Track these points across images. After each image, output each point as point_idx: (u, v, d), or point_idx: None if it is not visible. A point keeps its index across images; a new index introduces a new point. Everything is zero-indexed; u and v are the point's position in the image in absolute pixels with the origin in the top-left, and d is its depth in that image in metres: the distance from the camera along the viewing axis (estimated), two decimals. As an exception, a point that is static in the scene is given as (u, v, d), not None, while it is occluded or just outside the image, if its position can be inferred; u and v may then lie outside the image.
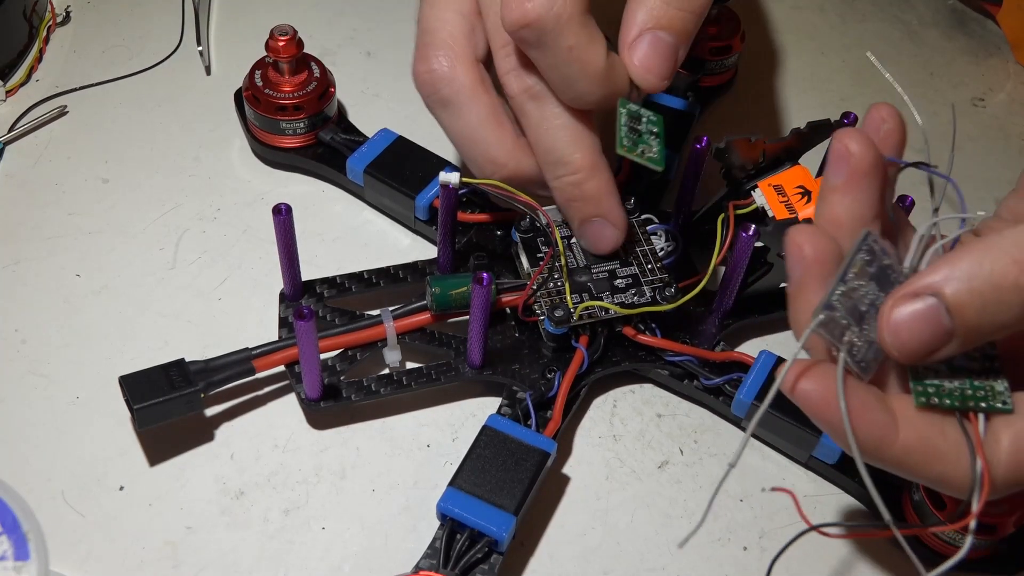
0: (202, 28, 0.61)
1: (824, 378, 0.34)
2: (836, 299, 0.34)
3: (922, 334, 0.32)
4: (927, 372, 0.35)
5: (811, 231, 0.35)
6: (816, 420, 0.34)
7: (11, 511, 0.40)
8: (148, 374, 0.44)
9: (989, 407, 0.35)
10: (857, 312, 0.34)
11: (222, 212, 0.54)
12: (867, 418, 0.34)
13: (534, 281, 0.47)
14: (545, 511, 0.45)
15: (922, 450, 0.34)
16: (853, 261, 0.34)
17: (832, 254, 0.35)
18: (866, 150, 0.36)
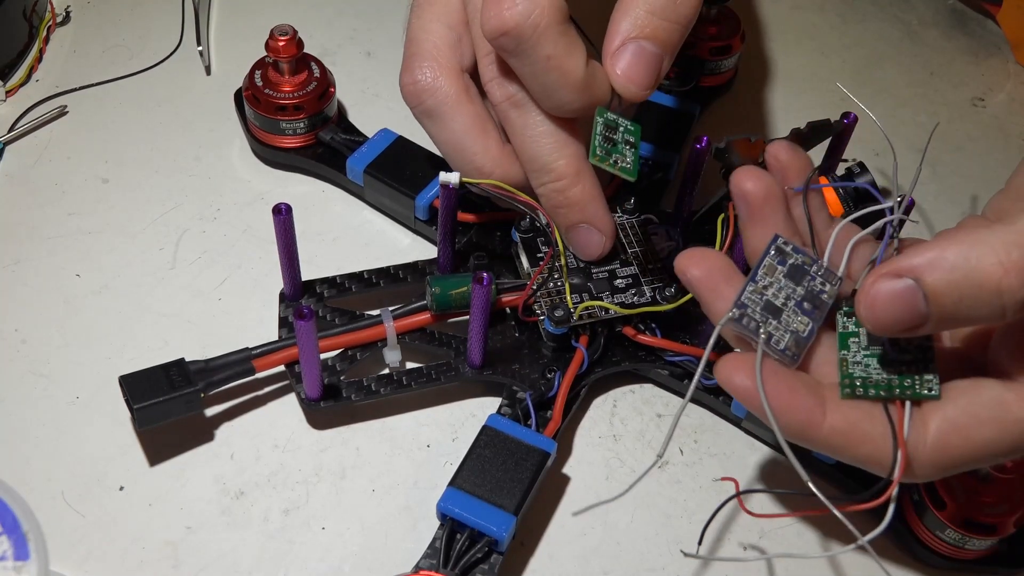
0: (202, 28, 0.61)
1: (748, 368, 0.36)
2: (746, 298, 0.37)
3: (897, 313, 0.33)
4: (856, 366, 0.37)
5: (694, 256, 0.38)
6: (747, 407, 0.36)
7: (11, 511, 0.40)
8: (148, 374, 0.44)
9: (915, 395, 0.36)
10: (772, 307, 0.37)
11: (222, 212, 0.54)
12: (793, 402, 0.35)
13: (534, 281, 0.47)
14: (545, 511, 0.45)
15: (848, 432, 0.36)
16: (762, 263, 0.38)
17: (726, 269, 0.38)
18: (759, 186, 0.38)
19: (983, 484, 0.42)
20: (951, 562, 0.43)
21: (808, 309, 0.38)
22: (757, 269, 0.38)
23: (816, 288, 0.38)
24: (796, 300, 0.37)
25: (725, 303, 0.37)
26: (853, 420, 0.36)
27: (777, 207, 0.39)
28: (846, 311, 0.38)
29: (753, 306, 0.37)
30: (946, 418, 0.35)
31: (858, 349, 0.37)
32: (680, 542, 0.44)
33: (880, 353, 0.37)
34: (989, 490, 0.42)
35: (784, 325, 0.37)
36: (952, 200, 0.58)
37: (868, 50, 0.65)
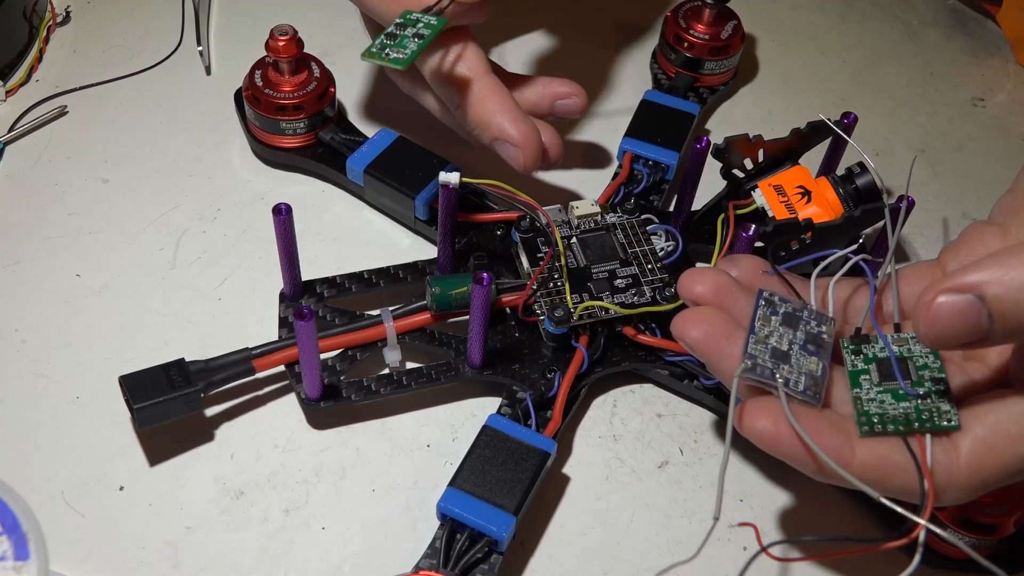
0: (202, 28, 0.61)
1: (771, 413, 0.36)
2: (752, 348, 0.37)
3: (959, 328, 0.33)
4: (871, 403, 0.37)
5: (691, 317, 0.38)
6: (772, 453, 0.36)
7: (11, 511, 0.40)
8: (148, 374, 0.44)
9: (935, 427, 0.36)
10: (780, 353, 0.37)
11: (222, 212, 0.54)
12: (820, 443, 0.35)
13: (534, 281, 0.47)
14: (545, 511, 0.45)
15: (880, 466, 0.36)
16: (756, 315, 0.38)
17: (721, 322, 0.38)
18: (709, 287, 0.39)
19: (983, 484, 0.42)
20: (951, 562, 0.43)
21: (814, 350, 0.38)
22: (753, 321, 0.38)
23: (814, 330, 0.38)
24: (799, 344, 0.38)
25: (730, 360, 0.37)
26: (882, 453, 0.36)
27: (735, 295, 0.39)
28: (852, 349, 0.38)
29: (762, 355, 0.37)
30: (976, 438, 0.35)
31: (871, 386, 0.37)
32: (680, 542, 0.44)
33: (894, 388, 0.37)
34: (989, 490, 0.42)
35: (797, 368, 0.37)
36: (952, 200, 0.58)
37: (868, 50, 0.65)
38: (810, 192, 0.48)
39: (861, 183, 0.48)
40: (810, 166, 0.51)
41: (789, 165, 0.50)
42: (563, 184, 0.56)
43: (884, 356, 0.38)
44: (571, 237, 0.49)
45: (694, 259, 0.51)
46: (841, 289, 0.41)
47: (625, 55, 0.63)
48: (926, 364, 0.38)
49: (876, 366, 0.38)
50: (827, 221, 0.47)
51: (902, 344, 0.38)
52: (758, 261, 0.41)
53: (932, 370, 0.37)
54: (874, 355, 0.38)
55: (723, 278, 0.39)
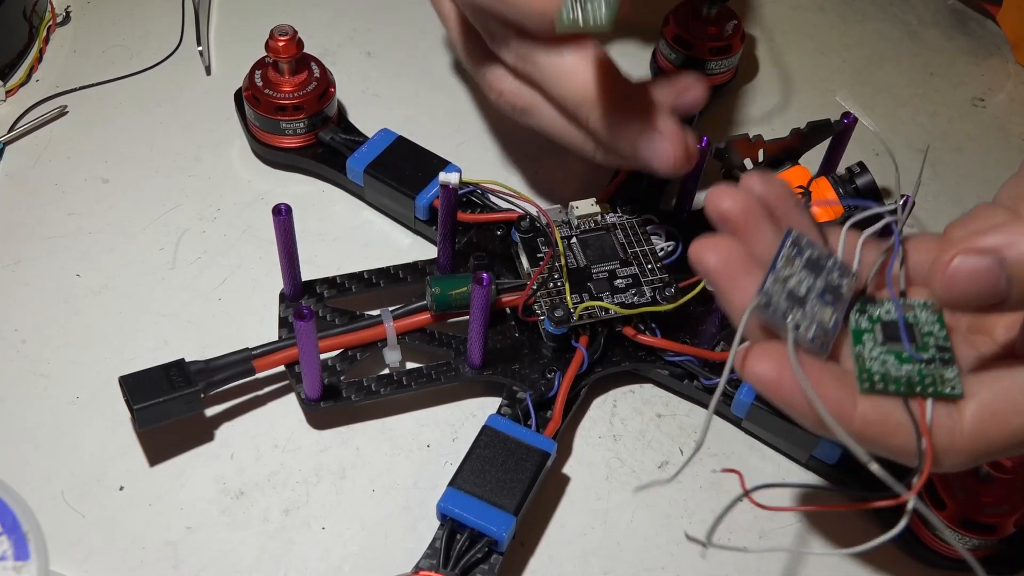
0: (202, 28, 0.61)
1: (775, 357, 0.34)
2: (770, 286, 0.36)
3: (976, 289, 0.32)
4: (873, 362, 0.36)
5: (711, 243, 0.36)
6: (772, 399, 0.35)
7: (11, 511, 0.40)
8: (148, 374, 0.44)
9: (937, 392, 0.35)
10: (795, 297, 0.36)
11: (222, 212, 0.54)
12: (823, 395, 0.34)
13: (534, 281, 0.47)
14: (545, 511, 0.45)
15: (880, 423, 0.35)
16: (781, 254, 0.36)
17: (741, 252, 0.36)
18: (739, 205, 0.37)
19: (983, 484, 0.42)
20: (951, 562, 0.43)
21: (830, 300, 0.36)
22: (777, 259, 0.36)
23: (835, 281, 0.37)
24: (818, 291, 0.36)
25: (744, 294, 0.36)
26: (884, 410, 0.35)
27: (761, 222, 0.37)
28: (857, 308, 0.37)
29: (778, 295, 0.36)
30: (982, 404, 0.35)
31: (874, 345, 0.36)
32: (680, 542, 0.44)
33: (898, 350, 0.36)
34: (989, 490, 0.42)
35: (810, 315, 0.36)
36: (952, 200, 0.58)
37: (868, 50, 0.65)
38: (810, 192, 0.48)
39: (861, 183, 0.48)
40: (810, 166, 0.51)
41: (789, 165, 0.50)
42: (563, 184, 0.56)
43: (889, 319, 0.37)
44: (571, 237, 0.49)
45: (694, 259, 0.51)
46: (865, 246, 0.39)
47: (625, 55, 0.63)
48: (931, 332, 0.37)
49: (881, 327, 0.37)
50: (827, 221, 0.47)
51: (908, 310, 0.37)
52: (786, 186, 0.39)
53: (937, 337, 0.36)
54: (879, 316, 0.37)
55: (755, 203, 0.37)
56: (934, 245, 0.40)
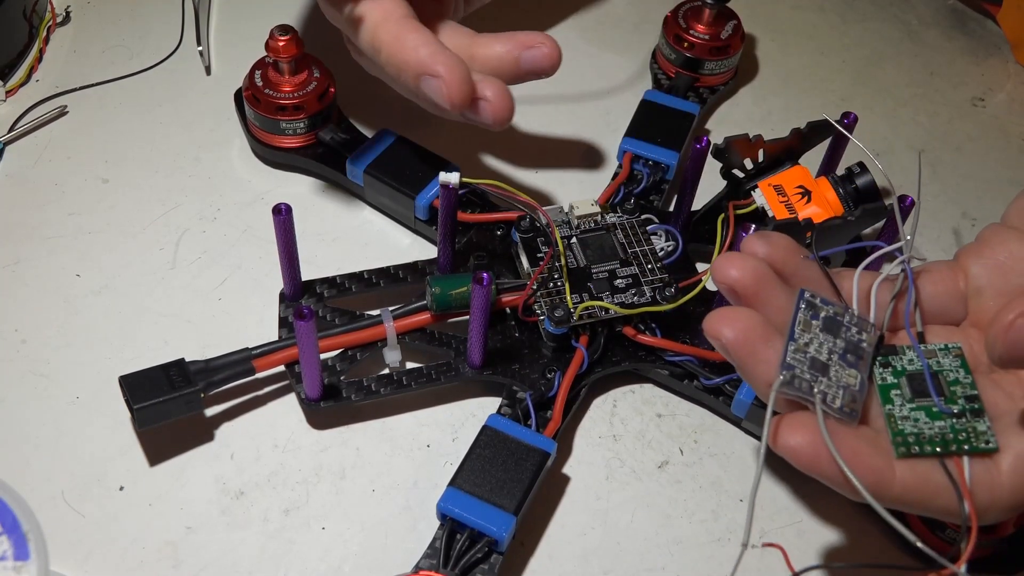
0: (202, 28, 0.61)
1: (807, 430, 0.34)
2: (791, 358, 0.35)
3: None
4: (905, 421, 0.35)
5: (726, 317, 0.35)
6: (809, 473, 0.34)
7: (11, 511, 0.40)
8: (148, 374, 0.44)
9: (972, 448, 0.35)
10: (819, 364, 0.35)
11: (222, 212, 0.54)
12: (860, 465, 0.34)
13: (534, 281, 0.47)
14: (545, 511, 0.45)
15: (921, 487, 0.34)
16: (797, 320, 0.35)
17: (757, 323, 0.35)
18: (749, 274, 0.36)
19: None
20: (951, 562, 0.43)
21: (852, 361, 0.36)
22: (793, 327, 0.35)
23: (854, 338, 0.36)
24: (839, 353, 0.35)
25: (767, 367, 0.35)
26: (923, 473, 0.34)
27: (772, 286, 0.37)
28: (880, 361, 0.36)
29: (800, 366, 0.35)
30: (1018, 455, 0.34)
31: (903, 402, 0.36)
32: (680, 542, 0.44)
33: (927, 405, 0.35)
34: (989, 490, 0.42)
35: (835, 381, 0.35)
36: (952, 200, 0.58)
37: (868, 50, 0.65)
38: (810, 192, 0.48)
39: (861, 183, 0.48)
40: (810, 166, 0.51)
41: (789, 165, 0.50)
42: (563, 184, 0.56)
43: (914, 369, 0.36)
44: (571, 237, 0.49)
45: (694, 259, 0.51)
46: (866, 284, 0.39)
47: (625, 55, 0.63)
48: (957, 379, 0.36)
49: (907, 380, 0.36)
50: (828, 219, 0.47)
51: (930, 356, 0.37)
52: (791, 242, 0.39)
53: (964, 386, 0.36)
54: (903, 368, 0.36)
55: (762, 267, 0.37)
56: (947, 275, 0.40)
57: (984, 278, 0.39)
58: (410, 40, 0.45)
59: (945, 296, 0.39)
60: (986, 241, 0.40)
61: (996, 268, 0.39)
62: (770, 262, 0.37)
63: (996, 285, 0.39)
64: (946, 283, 0.39)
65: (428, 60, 0.45)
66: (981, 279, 0.39)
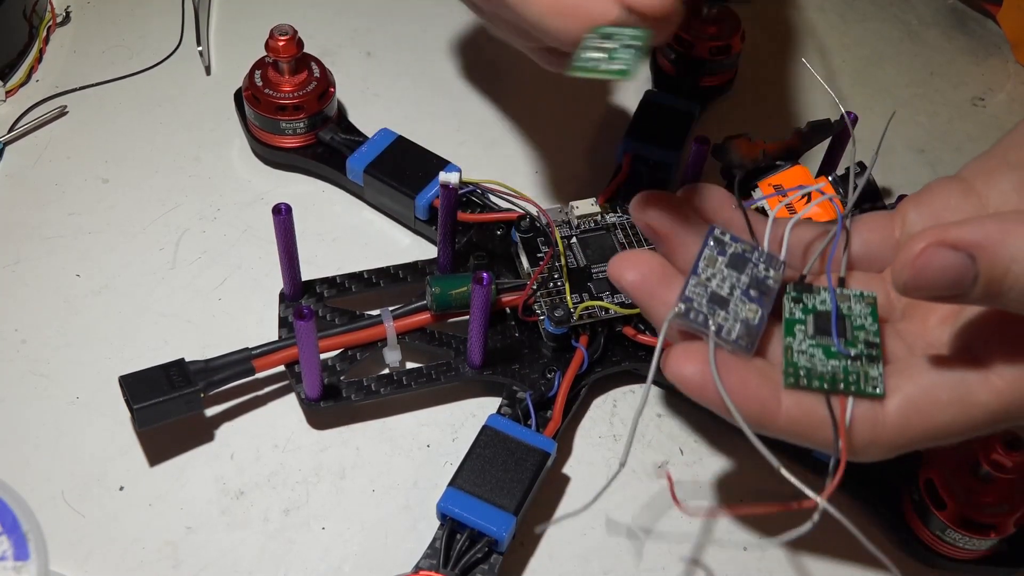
0: (202, 28, 0.61)
1: (698, 359, 0.35)
2: (690, 291, 0.36)
3: (941, 282, 0.32)
4: (801, 355, 0.36)
5: (628, 259, 0.37)
6: (698, 401, 0.35)
7: (11, 511, 0.40)
8: (148, 374, 0.44)
9: (859, 391, 0.35)
10: (718, 298, 0.36)
11: (222, 212, 0.54)
12: (747, 394, 0.34)
13: (534, 281, 0.47)
14: (545, 511, 0.45)
15: (804, 420, 0.35)
16: (702, 255, 0.36)
17: (658, 265, 0.37)
18: (661, 214, 0.37)
19: (983, 484, 0.42)
20: (951, 562, 0.43)
21: (755, 296, 0.36)
22: (698, 262, 0.36)
23: (760, 274, 0.37)
24: (742, 288, 0.36)
25: (665, 306, 0.36)
26: (808, 407, 0.35)
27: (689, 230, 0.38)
28: (793, 296, 0.37)
29: (699, 299, 0.36)
30: (906, 398, 0.35)
31: (804, 337, 0.36)
32: (680, 541, 0.44)
33: (826, 344, 0.36)
34: (989, 490, 0.42)
35: (733, 315, 0.36)
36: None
37: (868, 50, 0.65)
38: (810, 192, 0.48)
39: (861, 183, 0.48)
40: (810, 166, 0.51)
41: (789, 165, 0.50)
42: (563, 184, 0.56)
43: (823, 309, 0.37)
44: (571, 237, 0.49)
45: (694, 259, 0.51)
46: (803, 231, 0.39)
47: (625, 55, 0.63)
48: (863, 325, 0.37)
49: (813, 318, 0.37)
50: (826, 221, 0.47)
51: (843, 300, 0.37)
52: (725, 195, 0.39)
53: (868, 332, 0.36)
54: (814, 306, 0.37)
55: (677, 209, 0.38)
56: (884, 222, 0.40)
57: (918, 225, 0.39)
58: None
59: (878, 243, 0.40)
60: (929, 190, 0.40)
61: (932, 215, 0.39)
62: (701, 212, 0.38)
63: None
64: (882, 230, 0.40)
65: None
66: (915, 226, 0.39)
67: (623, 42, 0.37)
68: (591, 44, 0.37)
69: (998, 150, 0.40)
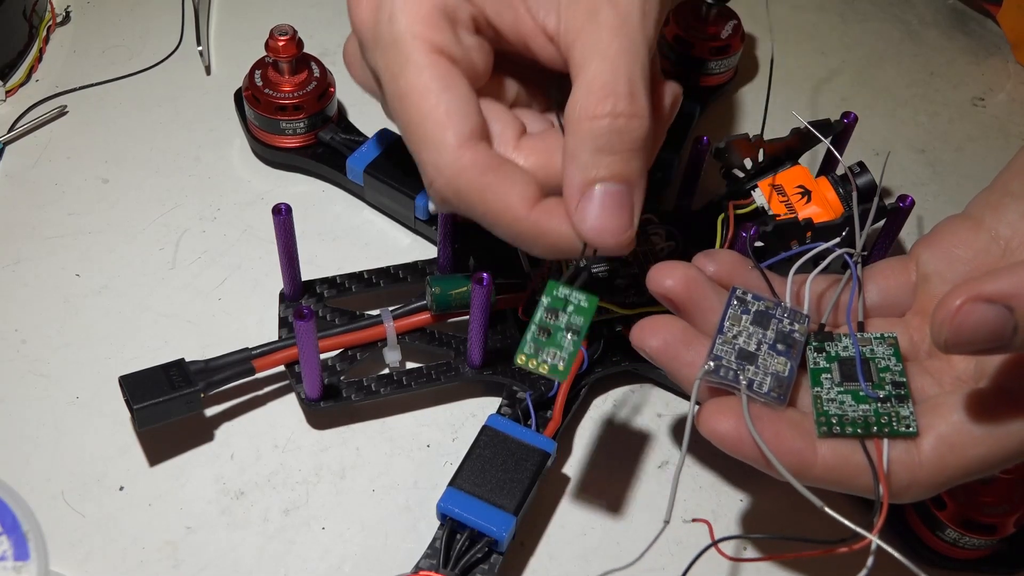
0: (202, 28, 0.61)
1: (732, 415, 0.35)
2: (719, 349, 0.37)
3: (981, 336, 0.32)
4: (831, 403, 0.36)
5: (649, 327, 0.38)
6: (734, 456, 0.36)
7: (11, 511, 0.40)
8: (148, 374, 0.44)
9: (893, 432, 0.36)
10: (746, 354, 0.37)
11: (222, 212, 0.54)
12: (782, 446, 0.35)
13: (534, 281, 0.47)
14: (545, 511, 0.45)
15: (841, 467, 0.35)
16: (727, 315, 0.38)
17: (679, 330, 0.38)
18: (679, 281, 0.38)
19: (983, 484, 0.42)
20: (951, 562, 0.43)
21: (783, 350, 0.37)
22: (723, 321, 0.37)
23: (785, 328, 0.38)
24: (768, 343, 0.37)
25: (690, 369, 0.37)
26: (844, 454, 0.36)
27: (707, 295, 0.38)
28: (815, 346, 0.38)
29: (727, 356, 0.37)
30: (940, 437, 0.35)
31: (831, 385, 0.37)
32: (680, 542, 0.44)
33: (854, 389, 0.37)
34: (989, 490, 0.42)
35: (763, 369, 0.37)
36: (952, 200, 0.58)
37: (868, 50, 0.65)
38: (810, 192, 0.48)
39: (861, 183, 0.48)
40: (810, 166, 0.51)
41: (789, 165, 0.50)
42: (563, 184, 0.56)
43: (847, 355, 0.38)
44: (571, 237, 0.49)
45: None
46: (817, 284, 0.40)
47: (625, 55, 0.63)
48: (887, 367, 0.37)
49: (838, 365, 0.38)
50: (826, 220, 0.47)
51: (865, 344, 0.38)
52: (737, 257, 0.41)
53: (893, 373, 0.37)
54: (837, 354, 0.38)
55: (693, 272, 0.39)
56: (899, 268, 0.41)
57: (932, 266, 0.40)
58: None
59: (895, 289, 0.41)
60: (939, 231, 0.41)
61: (944, 256, 0.40)
62: (717, 278, 0.39)
63: (943, 273, 0.40)
64: (896, 276, 0.41)
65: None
66: (929, 266, 0.40)
67: (568, 320, 0.36)
68: (538, 320, 0.37)
69: (999, 183, 0.40)
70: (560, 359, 0.36)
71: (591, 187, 0.35)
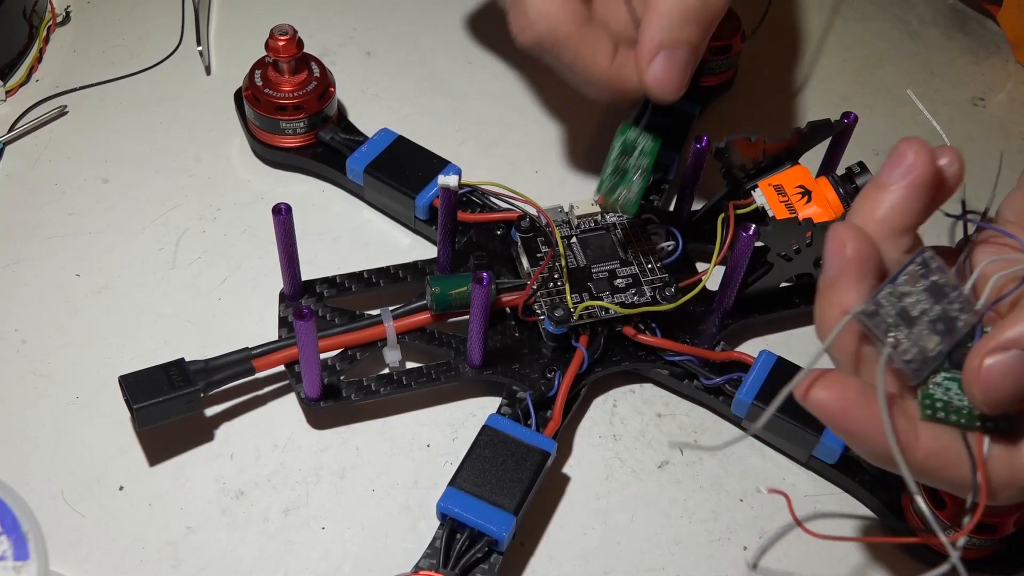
0: (202, 28, 0.61)
1: (839, 386, 0.34)
2: (883, 296, 0.34)
3: (1013, 387, 0.32)
4: (937, 388, 0.35)
5: (855, 230, 0.35)
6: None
7: (11, 511, 0.40)
8: (148, 374, 0.44)
9: (995, 429, 0.34)
10: (907, 315, 0.34)
11: (222, 212, 0.54)
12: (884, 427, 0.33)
13: (534, 281, 0.47)
14: (545, 511, 0.45)
15: (941, 456, 0.34)
16: (906, 269, 0.35)
17: (872, 258, 0.35)
18: (926, 163, 0.36)
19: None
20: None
21: (941, 329, 0.35)
22: (899, 274, 0.35)
23: (952, 312, 0.35)
24: (931, 317, 0.35)
25: (840, 309, 0.34)
26: (945, 443, 0.34)
27: (867, 272, 0.35)
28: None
29: (888, 308, 0.34)
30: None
31: (941, 370, 0.35)
32: (680, 542, 0.44)
33: (962, 378, 0.35)
34: (989, 490, 0.42)
35: (914, 337, 0.34)
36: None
37: (868, 50, 0.65)
38: (810, 192, 0.48)
39: (861, 183, 0.48)
40: (810, 166, 0.51)
41: (789, 165, 0.50)
42: (563, 184, 0.56)
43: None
44: (571, 237, 0.49)
45: (694, 259, 0.51)
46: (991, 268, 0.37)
47: (625, 55, 0.63)
48: None
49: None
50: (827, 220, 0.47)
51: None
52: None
53: None
54: None
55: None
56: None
57: None
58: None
59: None
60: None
61: None
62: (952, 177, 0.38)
63: None
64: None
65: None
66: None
67: (637, 161, 0.45)
68: (613, 161, 0.45)
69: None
70: (631, 196, 0.45)
71: (664, 49, 0.43)
